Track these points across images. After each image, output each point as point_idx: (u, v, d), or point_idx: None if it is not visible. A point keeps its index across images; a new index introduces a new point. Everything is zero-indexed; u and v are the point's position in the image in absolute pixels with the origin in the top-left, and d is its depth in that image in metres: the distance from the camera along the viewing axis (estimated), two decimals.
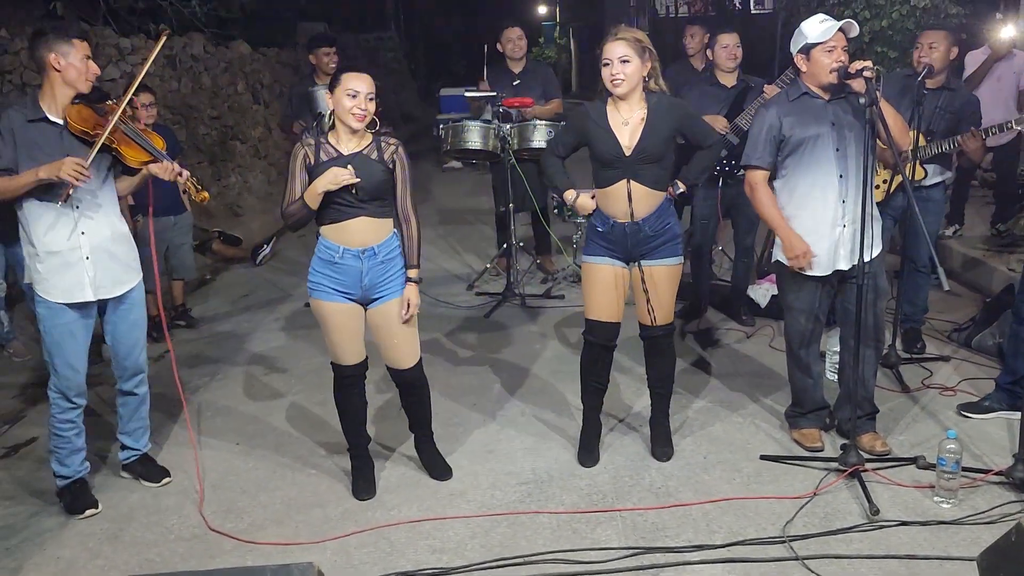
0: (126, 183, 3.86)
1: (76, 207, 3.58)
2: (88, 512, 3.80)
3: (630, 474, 3.94)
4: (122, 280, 3.77)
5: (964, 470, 3.60)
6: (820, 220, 3.85)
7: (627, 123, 3.74)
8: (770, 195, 3.93)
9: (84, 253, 3.62)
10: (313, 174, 3.55)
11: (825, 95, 3.82)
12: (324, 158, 3.57)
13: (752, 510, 3.61)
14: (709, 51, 5.63)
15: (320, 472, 4.10)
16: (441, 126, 6.68)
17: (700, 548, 3.36)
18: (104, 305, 3.78)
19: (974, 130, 4.65)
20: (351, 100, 3.50)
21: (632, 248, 3.79)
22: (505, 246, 6.66)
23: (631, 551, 3.36)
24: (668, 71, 6.82)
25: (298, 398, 4.97)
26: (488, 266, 7.19)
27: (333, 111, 3.57)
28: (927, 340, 5.28)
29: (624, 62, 3.65)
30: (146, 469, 4.07)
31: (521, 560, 3.35)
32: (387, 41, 19.93)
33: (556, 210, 6.84)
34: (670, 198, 3.85)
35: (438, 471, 4.00)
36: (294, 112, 6.61)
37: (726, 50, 5.46)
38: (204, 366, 5.52)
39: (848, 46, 3.76)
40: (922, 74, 4.55)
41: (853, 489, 3.69)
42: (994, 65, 6.84)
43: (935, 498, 3.59)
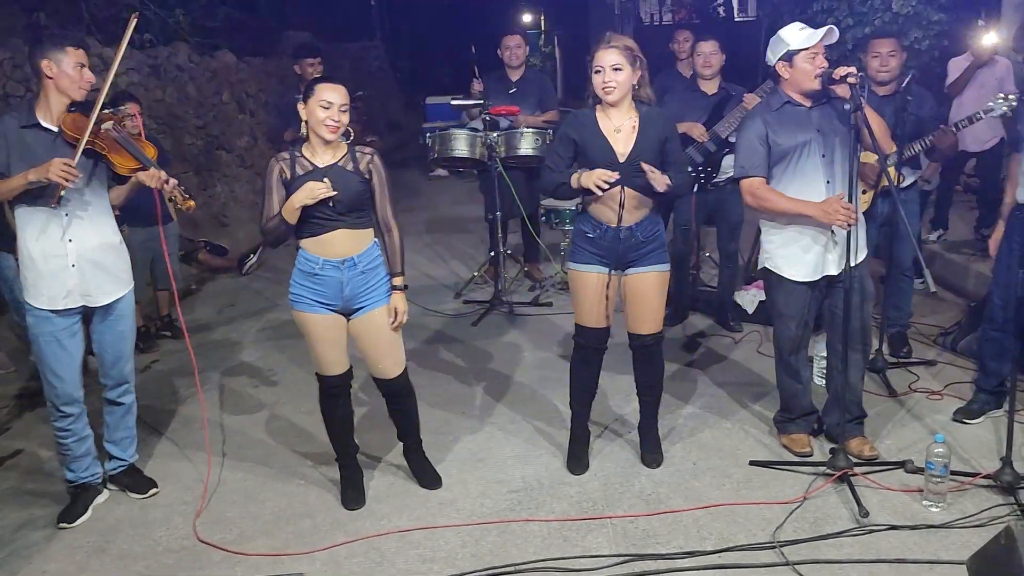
0: (117, 192, 3.83)
1: (66, 215, 3.56)
2: (79, 521, 3.78)
3: (620, 481, 3.94)
4: (109, 290, 3.74)
5: (952, 474, 3.62)
6: (808, 226, 3.86)
7: (619, 130, 3.75)
8: (774, 190, 3.85)
9: (70, 261, 3.60)
10: (290, 188, 3.53)
11: (807, 102, 3.84)
12: (300, 172, 3.55)
13: (742, 516, 3.62)
14: (690, 58, 5.68)
15: (309, 482, 4.08)
16: (428, 134, 6.68)
17: (691, 555, 3.36)
18: (91, 314, 3.75)
19: (944, 127, 4.72)
20: (324, 111, 3.48)
21: (623, 254, 3.79)
22: (493, 254, 6.66)
23: (622, 558, 3.36)
24: (656, 78, 6.88)
25: (286, 408, 4.94)
26: (475, 274, 7.18)
27: (306, 122, 3.56)
28: (913, 344, 5.31)
29: (616, 70, 3.66)
30: (133, 480, 4.04)
31: (512, 569, 3.34)
32: (372, 50, 19.91)
33: (544, 218, 6.85)
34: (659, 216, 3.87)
35: (428, 480, 3.99)
36: (283, 122, 6.58)
37: (702, 57, 5.54)
38: (190, 376, 5.47)
39: (827, 52, 3.79)
40: (907, 80, 4.58)
41: (842, 493, 3.70)
42: (976, 72, 6.90)
43: (924, 502, 3.60)
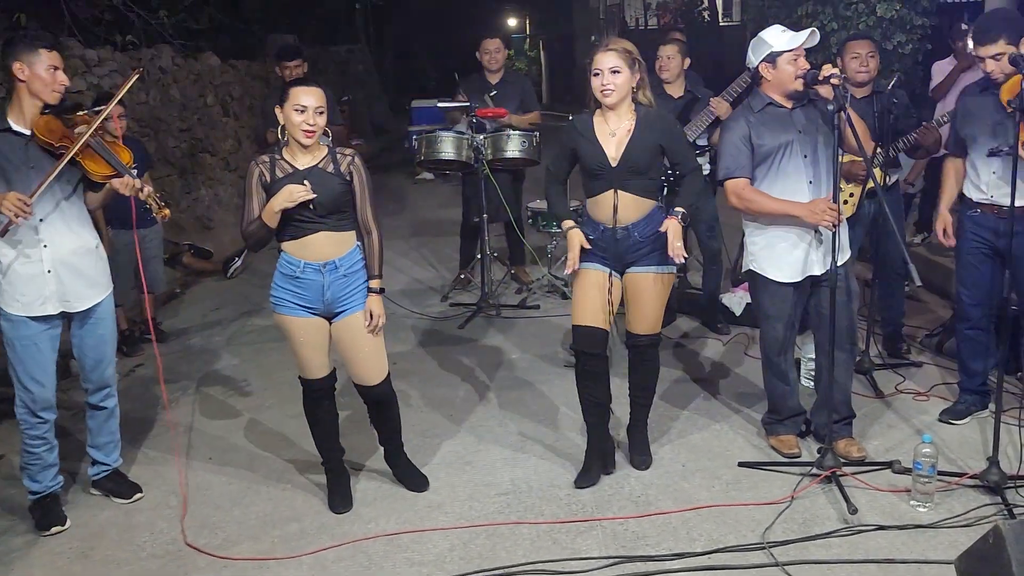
0: (91, 198, 3.78)
1: (40, 219, 3.51)
2: (54, 529, 3.72)
3: (609, 483, 3.92)
4: (86, 295, 3.69)
5: (939, 474, 3.62)
6: (793, 227, 3.87)
7: (614, 134, 3.73)
8: (759, 191, 3.86)
9: (46, 266, 3.55)
10: (270, 191, 3.50)
11: (788, 103, 3.86)
12: (280, 175, 3.52)
13: (732, 517, 3.61)
14: (655, 61, 5.66)
15: (295, 486, 4.05)
16: (414, 137, 6.67)
17: (681, 556, 3.35)
18: (70, 318, 3.71)
19: (927, 124, 4.75)
20: (299, 115, 3.45)
21: (623, 254, 3.78)
22: (479, 256, 6.64)
23: (612, 560, 3.35)
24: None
25: (272, 412, 4.91)
26: (461, 276, 7.17)
27: (282, 127, 3.53)
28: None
29: (615, 72, 3.64)
30: (117, 485, 4.00)
31: (501, 572, 3.32)
32: (358, 53, 19.88)
33: (531, 220, 6.85)
34: (660, 207, 3.84)
35: (414, 483, 3.96)
36: (266, 125, 6.56)
37: (659, 61, 5.57)
38: (175, 380, 5.44)
39: (818, 55, 3.81)
40: (892, 83, 4.60)
41: (830, 494, 3.70)
42: (960, 75, 6.93)
43: (911, 502, 3.61)
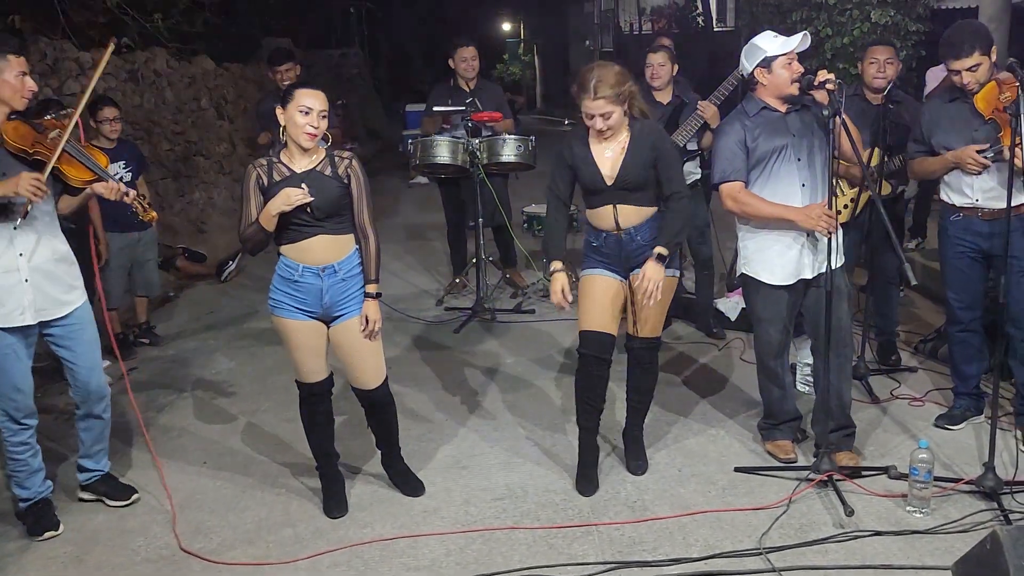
0: (67, 202, 3.73)
1: (14, 228, 3.45)
2: (47, 534, 3.69)
3: (605, 488, 3.92)
4: (64, 300, 3.65)
5: (936, 479, 3.63)
6: (784, 230, 3.88)
7: (609, 153, 3.72)
8: (754, 194, 3.87)
9: (23, 276, 3.50)
10: (267, 194, 3.48)
11: (783, 107, 3.87)
12: (277, 178, 3.51)
13: (728, 522, 3.61)
14: (645, 69, 5.66)
15: (290, 490, 4.04)
16: (409, 141, 6.67)
17: (677, 562, 3.35)
18: (52, 331, 3.65)
19: None
20: (303, 117, 3.43)
21: (627, 259, 3.79)
22: (475, 260, 6.64)
23: (608, 566, 3.34)
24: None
25: (266, 416, 4.89)
26: (457, 280, 7.16)
27: (283, 128, 3.52)
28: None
29: (606, 116, 3.60)
30: (111, 488, 3.96)
31: None
32: (352, 57, 19.90)
33: (526, 224, 6.85)
34: (663, 210, 3.85)
35: (410, 487, 3.95)
36: (263, 128, 6.56)
37: (650, 68, 5.57)
38: (169, 384, 5.42)
39: (814, 61, 3.82)
40: (886, 90, 4.61)
41: (826, 500, 3.70)
42: None
43: (908, 507, 3.61)
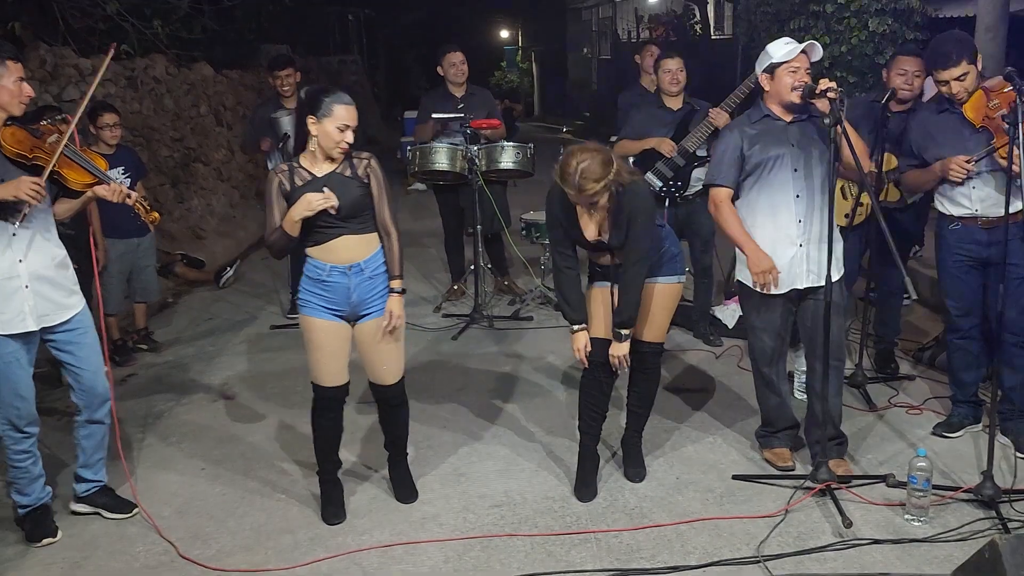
0: (66, 206, 3.72)
1: (14, 234, 3.45)
2: (45, 541, 3.68)
3: (603, 495, 3.92)
4: (64, 305, 3.64)
5: (934, 488, 3.63)
6: (777, 239, 3.91)
7: (592, 215, 3.69)
8: (733, 212, 3.98)
9: (23, 282, 3.49)
10: (290, 200, 3.52)
11: (787, 116, 3.89)
12: (299, 183, 3.55)
13: (726, 530, 3.61)
14: (655, 75, 5.69)
15: (289, 497, 4.03)
16: (408, 148, 6.68)
17: (675, 569, 3.35)
18: (54, 337, 3.65)
19: None
20: (341, 133, 3.49)
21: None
22: (473, 267, 6.65)
23: (606, 573, 3.35)
24: (621, 95, 6.95)
25: (264, 422, 4.89)
26: (455, 287, 7.17)
27: (288, 135, 3.52)
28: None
29: (594, 203, 3.57)
30: (110, 500, 3.92)
31: None
32: (350, 64, 19.94)
33: (524, 232, 6.85)
34: (662, 224, 3.87)
35: (404, 492, 3.96)
36: (256, 134, 6.56)
37: (669, 74, 5.56)
38: (168, 390, 5.42)
39: (811, 70, 3.83)
40: (887, 97, 4.62)
41: (825, 508, 3.71)
42: None
43: (906, 516, 3.62)
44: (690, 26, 18.38)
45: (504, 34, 32.32)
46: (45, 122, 3.61)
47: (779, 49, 3.84)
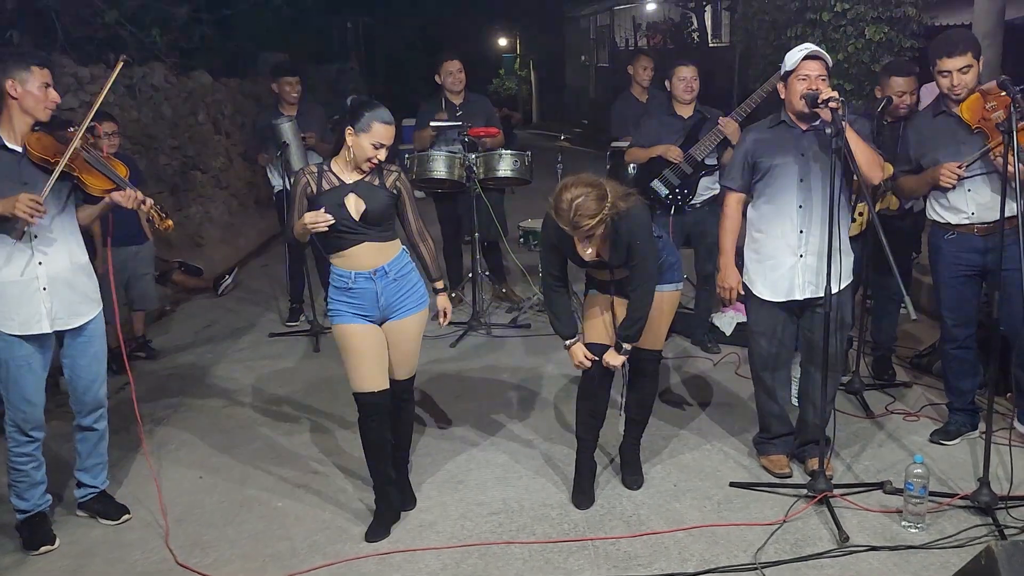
0: (87, 212, 3.77)
1: (34, 236, 3.50)
2: (43, 548, 3.69)
3: (601, 503, 3.93)
4: (80, 311, 3.68)
5: (931, 494, 3.64)
6: (778, 247, 3.93)
7: (590, 249, 3.66)
8: (732, 218, 4.05)
9: (41, 284, 3.53)
10: (314, 203, 3.57)
11: (802, 124, 3.87)
12: (326, 187, 3.60)
13: (723, 537, 3.61)
14: (667, 82, 5.71)
15: (287, 505, 4.03)
16: (406, 156, 6.70)
17: None
18: (61, 336, 3.69)
19: None
20: (375, 150, 3.54)
21: (619, 287, 3.82)
22: (470, 275, 6.66)
23: None
24: (615, 104, 6.97)
25: (263, 430, 4.89)
26: (453, 294, 7.17)
27: (287, 143, 3.55)
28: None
29: (590, 237, 3.53)
30: (104, 507, 3.95)
31: None
32: (348, 72, 19.93)
33: (522, 239, 6.87)
34: (662, 235, 3.89)
35: (402, 500, 3.94)
36: (260, 143, 6.59)
37: (684, 82, 5.56)
38: (166, 398, 5.42)
39: (826, 76, 3.79)
40: (882, 106, 4.64)
41: (822, 515, 3.71)
42: None
43: (903, 523, 3.62)
44: (688, 34, 18.43)
45: (503, 42, 32.36)
46: (72, 129, 3.63)
47: (792, 56, 3.85)
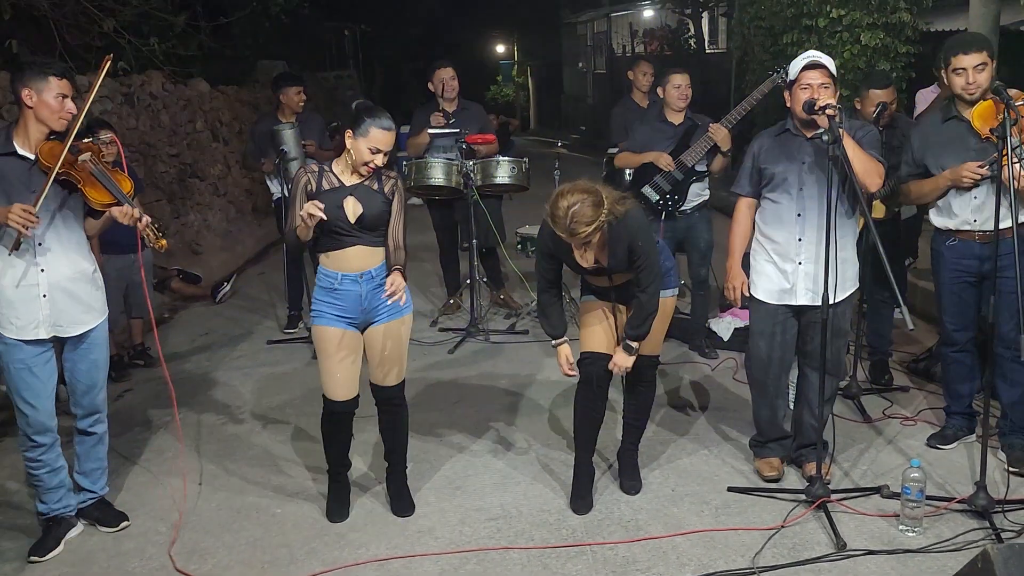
0: (91, 224, 3.78)
1: (39, 243, 3.52)
2: (49, 556, 3.69)
3: (599, 508, 3.93)
4: (81, 320, 3.69)
5: (928, 498, 3.65)
6: (777, 252, 3.95)
7: (586, 248, 3.66)
8: (740, 223, 4.09)
9: (41, 291, 3.55)
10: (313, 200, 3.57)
11: (806, 132, 3.88)
12: (326, 187, 3.64)
13: (721, 542, 3.62)
14: (660, 89, 5.72)
15: (285, 511, 4.04)
16: (404, 163, 6.72)
17: None
18: (64, 342, 3.70)
19: None
20: (372, 155, 3.58)
21: (619, 293, 3.84)
22: (469, 282, 6.68)
23: None
24: (614, 110, 6.99)
25: (261, 437, 4.90)
26: (451, 301, 7.19)
27: (285, 150, 3.57)
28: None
29: (588, 243, 3.54)
30: (102, 514, 3.95)
31: None
32: (346, 79, 19.99)
33: (520, 245, 6.88)
34: (658, 240, 3.91)
35: (401, 506, 3.96)
36: (258, 149, 6.59)
37: (678, 90, 5.57)
38: (164, 406, 5.42)
39: (829, 84, 3.79)
40: (877, 111, 4.66)
41: (820, 519, 3.72)
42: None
43: (900, 527, 3.63)
44: (684, 40, 18.48)
45: (500, 49, 32.47)
46: (87, 141, 3.64)
47: (794, 66, 3.87)
